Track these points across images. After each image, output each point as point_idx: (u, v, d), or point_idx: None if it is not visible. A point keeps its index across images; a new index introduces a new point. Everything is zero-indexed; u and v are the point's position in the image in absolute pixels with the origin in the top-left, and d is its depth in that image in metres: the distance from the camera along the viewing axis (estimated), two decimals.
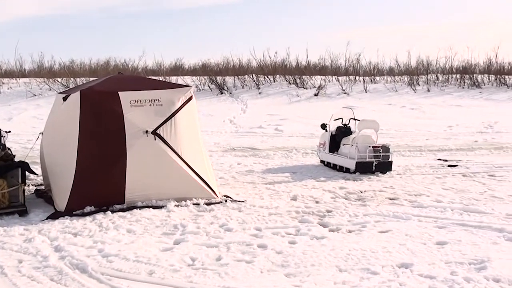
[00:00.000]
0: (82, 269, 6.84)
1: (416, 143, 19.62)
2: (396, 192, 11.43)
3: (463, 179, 13.02)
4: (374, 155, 13.67)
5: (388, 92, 33.55)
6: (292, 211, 9.70)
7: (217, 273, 6.66)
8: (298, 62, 38.68)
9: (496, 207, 10.06)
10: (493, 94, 33.35)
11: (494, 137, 21.22)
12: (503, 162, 15.38)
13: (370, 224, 8.85)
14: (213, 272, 6.69)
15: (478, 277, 6.52)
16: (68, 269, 6.87)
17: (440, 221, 9.09)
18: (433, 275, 6.56)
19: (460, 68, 37.90)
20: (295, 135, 21.64)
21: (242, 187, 11.97)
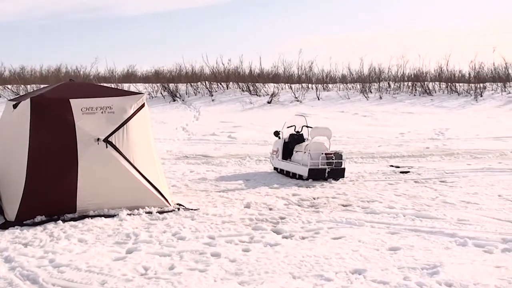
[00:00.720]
0: (33, 280, 6.71)
1: (369, 150, 19.77)
2: (349, 199, 11.49)
3: (415, 185, 13.14)
4: (327, 162, 13.73)
5: (341, 100, 33.81)
6: (245, 218, 9.67)
7: (170, 282, 6.60)
8: (251, 70, 38.86)
9: (448, 212, 10.17)
10: (444, 102, 33.85)
11: (445, 144, 21.50)
12: (454, 168, 15.58)
13: (323, 231, 8.87)
14: (166, 281, 6.62)
15: (430, 282, 6.56)
16: (19, 280, 6.74)
17: (393, 227, 9.15)
18: (386, 281, 6.59)
19: (411, 75, 38.43)
20: (249, 143, 21.64)
21: (195, 195, 11.91)
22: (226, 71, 38.16)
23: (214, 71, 38.11)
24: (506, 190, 12.52)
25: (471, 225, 9.26)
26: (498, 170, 15.31)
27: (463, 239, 8.33)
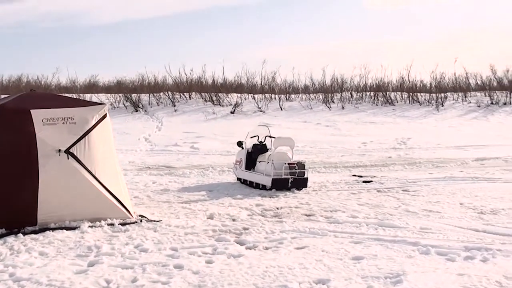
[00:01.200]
0: None
1: (331, 160, 19.85)
2: (312, 208, 11.50)
3: (378, 195, 13.21)
4: (290, 172, 13.74)
5: (303, 110, 33.93)
6: (208, 230, 9.62)
7: None
8: (214, 80, 38.80)
9: (410, 221, 10.22)
10: (406, 111, 34.16)
11: (407, 153, 21.68)
12: (416, 177, 15.70)
13: (286, 241, 8.85)
14: None
15: None
16: None
17: (356, 236, 9.17)
18: None
19: (374, 86, 38.70)
20: (211, 153, 21.59)
21: (157, 206, 11.83)
22: (189, 81, 38.07)
23: (176, 81, 37.99)
24: (467, 198, 12.64)
25: (434, 234, 9.32)
26: (459, 179, 15.46)
27: (425, 247, 8.38)
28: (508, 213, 11.06)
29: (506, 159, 19.98)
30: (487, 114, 34.06)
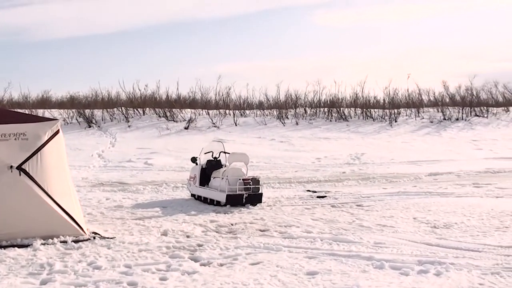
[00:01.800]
0: None
1: (286, 175, 19.90)
2: (266, 224, 11.49)
3: (332, 210, 13.26)
4: (245, 188, 13.73)
5: (258, 126, 33.99)
6: (162, 246, 9.54)
7: None
8: (168, 95, 38.69)
9: (364, 236, 10.28)
10: (359, 127, 34.44)
11: (361, 168, 21.84)
12: (370, 192, 15.81)
13: (241, 257, 8.82)
14: None
15: None
16: None
17: (310, 251, 9.18)
18: None
19: (327, 101, 38.92)
20: (165, 169, 21.48)
21: (111, 223, 11.70)
22: (143, 96, 37.92)
23: (130, 96, 37.83)
24: (421, 213, 12.76)
25: (388, 248, 9.38)
26: (413, 194, 15.62)
27: (379, 262, 8.42)
28: (460, 227, 11.19)
29: (459, 174, 20.26)
30: (439, 129, 34.51)
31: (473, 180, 18.80)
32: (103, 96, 39.09)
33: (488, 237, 10.27)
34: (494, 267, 8.25)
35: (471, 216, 12.29)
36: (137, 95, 37.95)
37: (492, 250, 9.30)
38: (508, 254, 9.06)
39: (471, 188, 16.90)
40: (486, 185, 17.45)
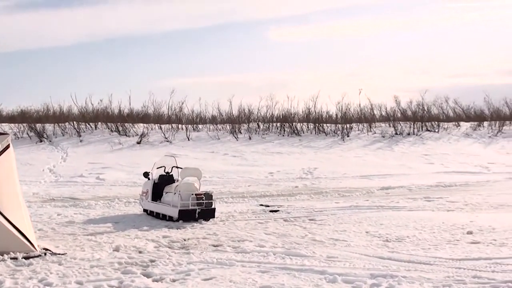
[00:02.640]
0: None
1: (239, 190, 19.88)
2: (219, 239, 11.45)
3: (285, 224, 13.28)
4: (197, 203, 13.68)
5: (211, 140, 33.95)
6: (114, 262, 9.43)
7: None
8: (120, 110, 38.39)
9: (317, 250, 10.30)
10: (312, 142, 34.60)
11: (313, 183, 21.94)
12: (323, 207, 15.87)
13: (194, 272, 8.77)
14: None
15: None
16: None
17: (263, 266, 9.17)
18: None
19: (280, 116, 39.01)
20: (118, 184, 21.31)
21: (62, 239, 11.54)
22: (95, 111, 37.61)
23: (82, 111, 37.50)
24: (373, 226, 12.85)
25: (340, 262, 9.42)
26: (365, 208, 15.72)
27: (332, 275, 8.44)
28: (412, 240, 11.30)
29: (410, 188, 20.49)
30: (391, 144, 34.84)
31: (424, 194, 19.03)
32: (55, 110, 38.70)
33: (440, 250, 10.39)
34: (446, 279, 8.34)
35: (422, 230, 12.42)
36: (90, 110, 37.65)
37: (443, 263, 9.40)
38: (459, 266, 9.17)
39: (423, 202, 17.09)
40: (437, 198, 17.67)
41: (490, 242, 11.10)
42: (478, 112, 45.55)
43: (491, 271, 8.92)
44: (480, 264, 9.35)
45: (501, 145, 36.07)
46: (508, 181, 23.04)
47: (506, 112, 45.10)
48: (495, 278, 8.44)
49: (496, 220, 13.60)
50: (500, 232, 12.16)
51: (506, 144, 36.21)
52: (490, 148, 35.14)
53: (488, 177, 24.37)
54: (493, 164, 29.03)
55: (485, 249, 10.50)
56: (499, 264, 9.37)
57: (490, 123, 41.75)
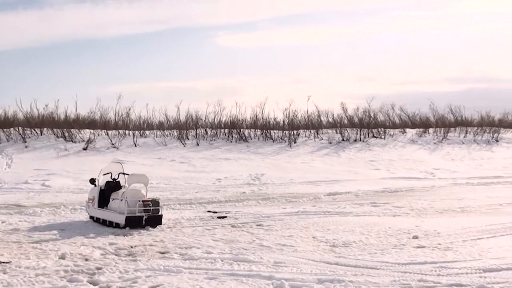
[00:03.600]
0: None
1: (186, 196, 19.82)
2: (166, 246, 11.39)
3: (232, 230, 13.29)
4: (144, 209, 13.59)
5: (158, 146, 33.78)
6: (60, 270, 9.32)
7: None
8: (67, 115, 37.92)
9: (265, 255, 10.34)
10: (259, 148, 34.67)
11: (261, 188, 22.00)
12: (270, 212, 15.92)
13: (141, 280, 8.72)
14: None
15: None
16: None
17: (211, 272, 9.16)
18: None
19: (228, 122, 38.98)
20: (64, 191, 21.06)
21: (6, 247, 11.36)
22: (41, 116, 37.07)
23: (28, 116, 36.91)
24: (320, 232, 12.94)
25: (288, 267, 9.46)
26: (312, 213, 15.82)
27: (279, 281, 8.49)
28: (359, 245, 11.41)
29: (357, 194, 20.69)
30: (338, 150, 35.10)
31: (371, 199, 19.23)
32: None
33: (386, 255, 10.51)
34: (392, 283, 8.45)
35: (369, 235, 12.55)
36: (35, 115, 37.09)
37: (389, 267, 9.52)
38: (405, 271, 9.30)
39: (369, 207, 17.27)
40: (383, 204, 17.87)
41: (435, 246, 11.28)
42: (423, 119, 46.31)
43: (437, 275, 9.08)
44: (425, 268, 9.50)
45: (446, 151, 36.69)
46: (453, 187, 23.45)
47: (451, 119, 45.99)
48: (441, 282, 8.60)
49: (441, 224, 13.83)
50: (445, 236, 12.37)
51: (451, 151, 36.87)
52: (435, 154, 35.70)
53: (433, 183, 24.75)
54: (438, 170, 29.54)
55: (430, 253, 10.67)
56: (444, 267, 9.54)
57: (435, 129, 42.47)
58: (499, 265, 9.70)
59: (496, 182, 25.63)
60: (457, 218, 15.09)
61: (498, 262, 9.88)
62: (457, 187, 23.54)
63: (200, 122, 39.34)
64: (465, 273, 9.20)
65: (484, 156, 35.70)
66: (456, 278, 8.90)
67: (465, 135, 42.05)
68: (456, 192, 21.48)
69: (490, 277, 8.97)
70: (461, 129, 43.32)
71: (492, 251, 10.94)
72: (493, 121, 47.73)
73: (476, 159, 34.55)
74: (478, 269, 9.46)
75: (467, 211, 16.52)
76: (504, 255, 10.52)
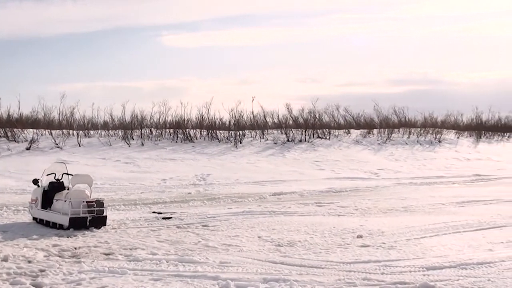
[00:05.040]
0: None
1: (131, 197, 19.68)
2: (111, 247, 11.29)
3: (178, 231, 13.23)
4: (88, 210, 13.44)
5: (103, 146, 33.48)
6: (2, 273, 9.17)
7: None
8: (9, 114, 37.30)
9: (210, 256, 10.33)
10: (205, 148, 34.63)
11: (206, 189, 21.98)
12: (216, 212, 15.90)
13: (85, 282, 8.63)
14: None
15: None
16: None
17: (156, 274, 9.12)
18: None
19: (173, 123, 38.85)
20: (6, 191, 20.72)
21: None
22: None
23: None
24: (265, 231, 12.98)
25: (233, 267, 9.47)
26: (257, 213, 15.85)
27: (225, 281, 8.49)
28: (304, 244, 11.49)
29: (302, 194, 20.81)
30: (283, 150, 35.26)
31: (315, 199, 19.37)
32: None
33: (331, 254, 10.61)
34: (337, 282, 8.52)
35: (314, 234, 12.64)
36: None
37: (334, 266, 9.61)
38: (349, 269, 9.40)
39: (314, 207, 17.39)
40: (328, 203, 18.02)
41: (379, 245, 11.42)
42: (368, 120, 46.90)
43: (381, 273, 9.19)
44: (369, 267, 9.62)
45: (389, 151, 37.20)
46: (396, 187, 23.78)
47: (395, 120, 46.62)
48: (385, 280, 8.71)
49: (385, 224, 14.01)
50: (388, 235, 12.53)
51: (395, 151, 37.41)
52: (379, 154, 36.15)
53: (377, 183, 25.07)
54: (382, 170, 29.94)
55: (374, 252, 10.80)
56: (388, 266, 9.67)
57: (380, 130, 43.05)
58: (442, 263, 9.88)
59: (439, 182, 26.12)
60: (401, 218, 15.30)
61: (440, 260, 10.07)
62: (401, 187, 23.90)
63: (145, 122, 39.17)
64: (408, 271, 9.34)
65: (427, 157, 36.33)
66: (399, 276, 9.03)
67: (409, 136, 42.72)
68: (400, 192, 21.81)
69: (433, 275, 9.12)
70: (405, 130, 44.01)
71: (435, 249, 11.14)
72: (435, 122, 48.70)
73: (419, 160, 35.13)
74: (421, 267, 9.62)
75: (411, 211, 16.76)
76: (446, 253, 10.72)
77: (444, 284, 8.58)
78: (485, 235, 12.75)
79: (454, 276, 9.12)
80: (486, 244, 11.70)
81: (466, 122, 51.79)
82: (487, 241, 12.07)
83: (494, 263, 9.98)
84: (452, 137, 44.62)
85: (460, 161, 35.55)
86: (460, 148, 40.99)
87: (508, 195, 20.33)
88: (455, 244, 11.68)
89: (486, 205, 18.00)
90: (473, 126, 49.80)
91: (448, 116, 51.01)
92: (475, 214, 15.77)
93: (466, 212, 16.34)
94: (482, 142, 45.28)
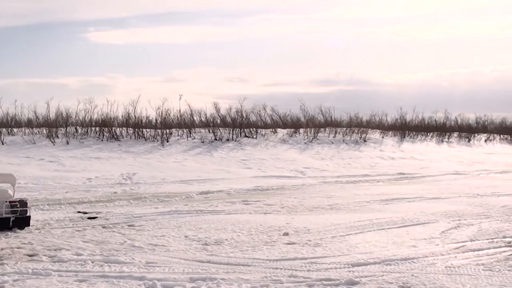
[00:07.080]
0: None
1: (55, 196, 19.35)
2: (35, 248, 11.09)
3: (103, 231, 13.08)
4: (11, 210, 13.15)
5: (26, 145, 32.88)
6: None
7: None
8: None
9: (136, 256, 10.25)
10: (131, 147, 34.35)
11: (133, 188, 21.78)
12: (142, 212, 15.78)
13: (8, 284, 8.47)
14: None
15: None
16: None
17: (81, 275, 9.01)
18: None
19: (99, 121, 38.39)
20: None
21: None
22: None
23: None
24: (192, 231, 12.95)
25: (160, 267, 9.44)
26: (184, 212, 15.80)
27: (152, 281, 8.46)
28: (231, 243, 11.52)
29: (229, 192, 20.83)
30: (211, 149, 35.25)
31: (242, 197, 19.42)
32: None
33: (257, 252, 10.67)
34: (263, 279, 8.58)
35: (240, 232, 12.68)
36: None
37: (261, 264, 9.67)
38: (276, 267, 9.48)
39: (241, 205, 17.44)
40: (255, 202, 18.09)
41: (305, 243, 11.54)
42: (294, 119, 47.25)
43: (307, 270, 9.30)
44: (296, 264, 9.72)
45: (316, 150, 37.59)
46: (322, 185, 24.04)
47: (321, 120, 47.17)
48: (310, 277, 8.82)
49: (311, 221, 14.16)
50: (314, 233, 12.67)
51: (321, 150, 37.83)
52: (305, 153, 36.49)
53: (304, 181, 25.28)
54: (308, 169, 30.22)
55: (300, 250, 10.92)
56: (314, 263, 9.79)
57: (306, 130, 43.43)
58: (367, 259, 10.07)
59: (364, 180, 26.51)
60: (326, 215, 15.48)
61: (365, 257, 10.26)
62: (327, 185, 24.16)
63: (70, 120, 38.61)
64: (334, 268, 9.49)
65: (352, 156, 36.87)
66: (325, 273, 9.15)
67: (335, 135, 43.25)
68: (326, 190, 22.06)
69: (358, 271, 9.28)
70: (331, 129, 44.54)
71: (360, 246, 11.33)
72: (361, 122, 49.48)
73: (345, 158, 35.60)
74: (347, 264, 9.78)
75: (336, 208, 16.97)
76: (371, 250, 10.91)
77: (369, 280, 8.74)
78: (409, 232, 13.02)
79: (379, 272, 9.30)
80: (410, 241, 11.96)
81: (390, 122, 52.79)
82: (411, 237, 12.34)
83: (417, 258, 10.22)
84: (377, 137, 45.40)
85: (384, 160, 36.17)
86: (385, 148, 41.73)
87: (430, 193, 20.82)
88: (380, 241, 11.90)
89: (409, 202, 18.36)
90: (398, 126, 50.75)
91: (373, 116, 51.94)
92: (399, 211, 16.07)
93: (390, 209, 16.64)
94: (406, 141, 46.19)
